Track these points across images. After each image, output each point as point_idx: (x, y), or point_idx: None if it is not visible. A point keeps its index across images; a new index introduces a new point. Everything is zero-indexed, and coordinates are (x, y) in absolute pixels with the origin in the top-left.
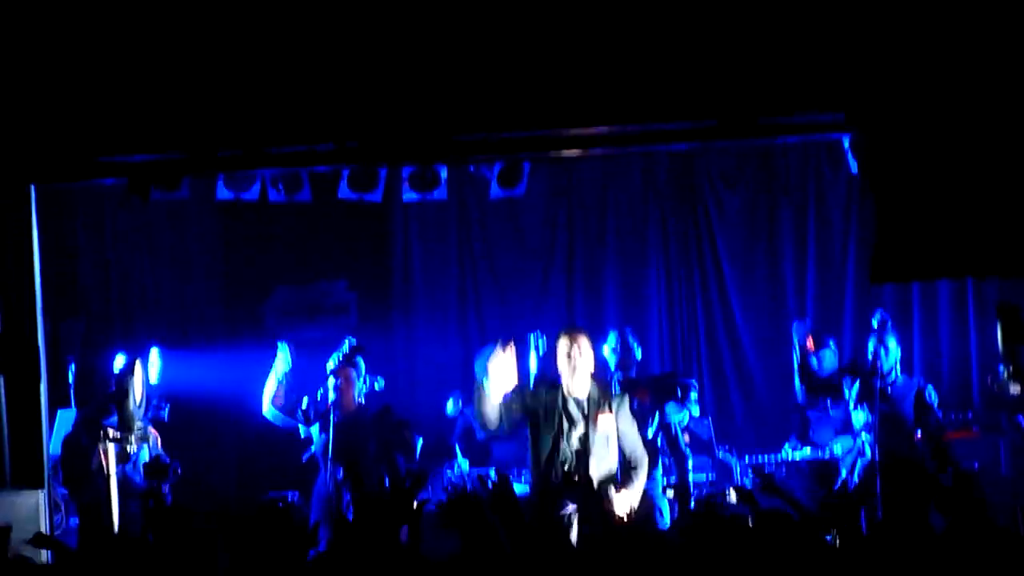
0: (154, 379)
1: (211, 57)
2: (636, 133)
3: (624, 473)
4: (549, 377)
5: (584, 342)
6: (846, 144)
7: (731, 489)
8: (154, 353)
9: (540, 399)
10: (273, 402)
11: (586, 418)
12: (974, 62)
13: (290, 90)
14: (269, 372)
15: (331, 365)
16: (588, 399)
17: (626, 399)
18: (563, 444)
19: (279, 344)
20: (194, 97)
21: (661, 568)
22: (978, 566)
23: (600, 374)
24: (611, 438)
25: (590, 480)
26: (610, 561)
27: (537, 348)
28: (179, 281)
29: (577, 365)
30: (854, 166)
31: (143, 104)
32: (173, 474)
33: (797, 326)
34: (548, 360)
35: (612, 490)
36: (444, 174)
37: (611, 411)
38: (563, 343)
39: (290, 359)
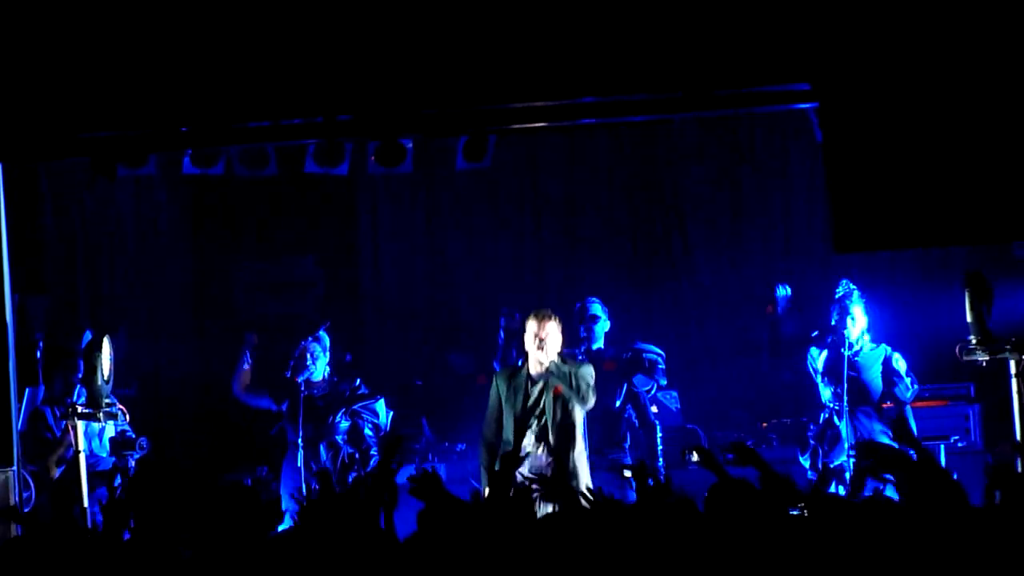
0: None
1: (175, 32)
2: (600, 105)
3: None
4: (513, 357)
5: (552, 325)
6: (812, 114)
7: (692, 450)
8: (120, 329)
9: (505, 379)
10: (241, 385)
11: (546, 391)
12: (939, 30)
13: (256, 65)
14: (238, 359)
15: (299, 340)
16: (548, 372)
17: (587, 367)
18: (529, 421)
19: (246, 334)
20: (159, 73)
21: (620, 543)
22: (941, 539)
23: (567, 347)
24: (569, 410)
25: (558, 459)
26: (571, 535)
27: (506, 325)
28: (146, 257)
29: (545, 347)
30: (820, 135)
31: (108, 81)
32: (139, 448)
33: (780, 288)
34: (514, 339)
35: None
36: (410, 147)
37: (571, 379)
38: (531, 324)
39: (254, 347)
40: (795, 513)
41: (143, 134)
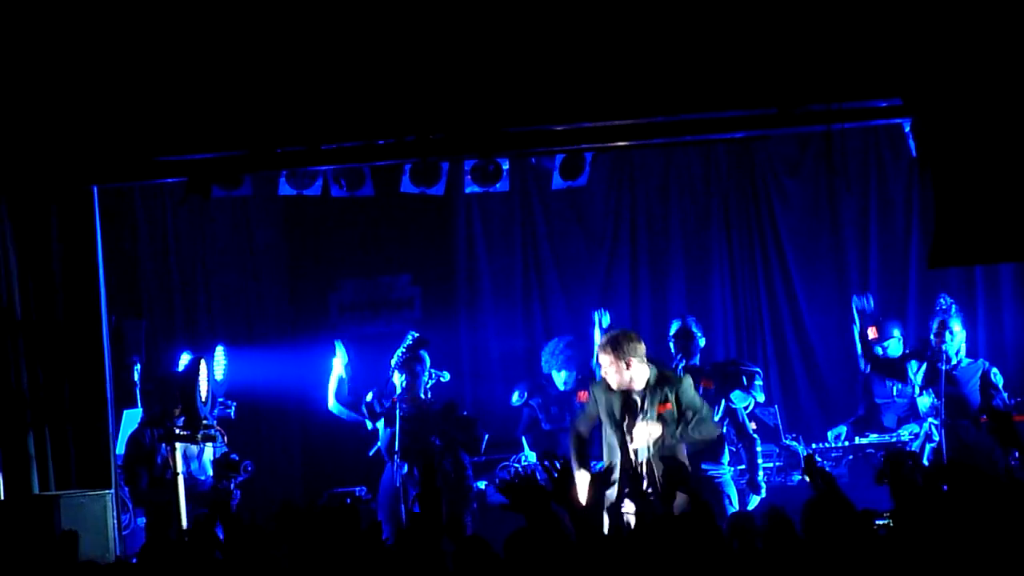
0: (220, 377)
1: (271, 55)
2: (695, 122)
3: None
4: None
5: (602, 357)
6: (906, 128)
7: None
8: (219, 351)
9: (603, 391)
10: (337, 398)
11: (648, 409)
12: None
13: (349, 86)
14: (330, 369)
15: (395, 359)
16: (646, 389)
17: (687, 379)
18: (628, 436)
19: (336, 342)
20: (254, 95)
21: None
22: None
23: (664, 364)
24: (671, 421)
25: (653, 476)
26: (661, 552)
27: (600, 324)
28: (242, 278)
29: (624, 380)
30: (914, 150)
31: (202, 103)
32: (243, 471)
33: (856, 300)
34: None
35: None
36: (506, 166)
37: (674, 398)
38: (605, 359)
39: (347, 355)
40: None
41: (239, 155)
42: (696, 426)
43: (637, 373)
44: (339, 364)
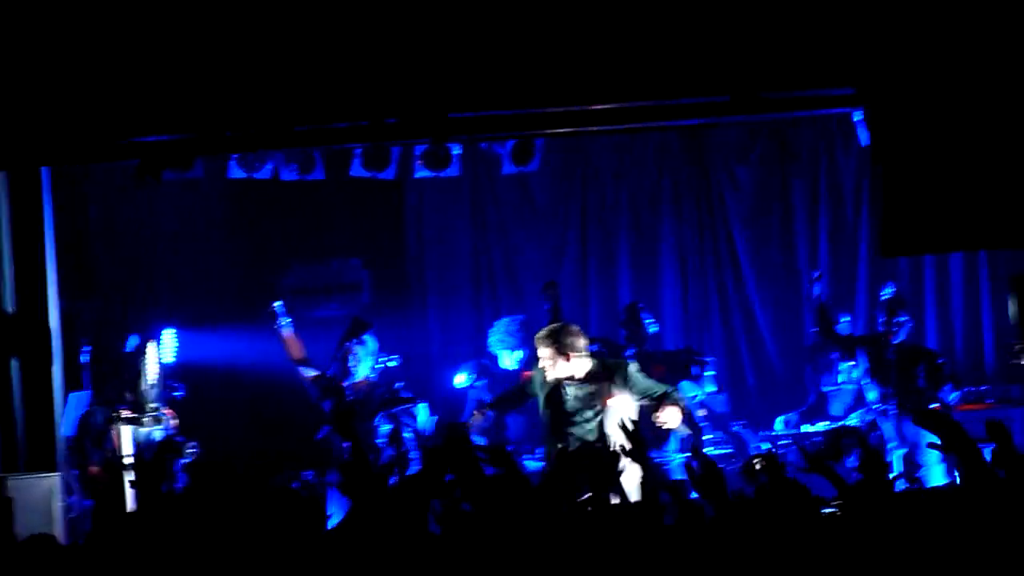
0: (168, 359)
1: (222, 38)
2: (647, 109)
3: (667, 400)
4: None
5: (540, 351)
6: (857, 118)
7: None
8: (168, 334)
9: (540, 379)
10: (297, 358)
11: (591, 397)
12: (984, 35)
13: (301, 70)
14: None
15: (341, 343)
16: (588, 379)
17: (628, 365)
18: (570, 424)
19: (273, 304)
20: (205, 78)
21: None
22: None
23: (614, 351)
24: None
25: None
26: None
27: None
28: (192, 261)
29: (564, 373)
30: (865, 139)
31: (155, 85)
32: (187, 453)
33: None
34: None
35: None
36: (457, 151)
37: (622, 385)
38: (544, 352)
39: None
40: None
41: (190, 138)
42: (650, 395)
43: (577, 366)
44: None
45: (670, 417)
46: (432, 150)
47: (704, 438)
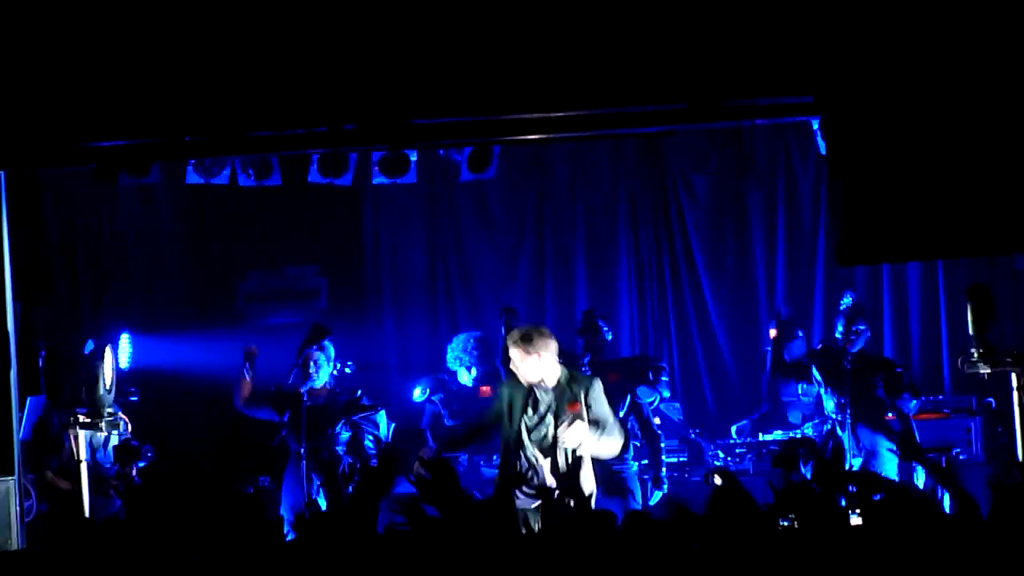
0: (124, 364)
1: (180, 42)
2: (605, 116)
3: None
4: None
5: (512, 352)
6: (815, 126)
7: (716, 473)
8: (124, 339)
9: (509, 388)
10: (241, 398)
11: (556, 408)
12: (942, 44)
13: (260, 75)
14: (241, 371)
15: (300, 350)
16: (557, 388)
17: (596, 382)
18: (528, 436)
19: (243, 346)
20: (163, 82)
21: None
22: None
23: (570, 358)
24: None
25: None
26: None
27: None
28: (149, 266)
29: (536, 375)
30: (823, 147)
31: (112, 90)
32: (144, 457)
33: (775, 322)
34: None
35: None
36: (414, 158)
37: (584, 399)
38: (516, 354)
39: (254, 358)
40: (785, 523)
41: (147, 143)
42: (604, 437)
43: (548, 369)
44: (251, 366)
45: (571, 436)
46: (389, 157)
47: (660, 445)
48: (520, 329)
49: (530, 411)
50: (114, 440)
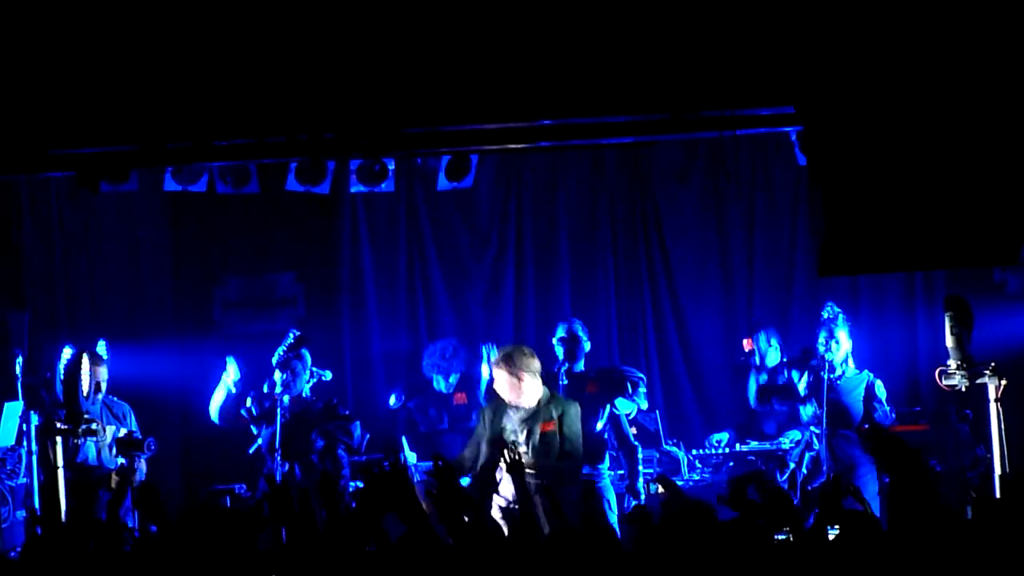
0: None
1: (159, 50)
2: (585, 126)
3: (558, 456)
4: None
5: (496, 372)
6: (794, 137)
7: (658, 481)
8: (101, 346)
9: (491, 410)
10: (221, 410)
11: (530, 425)
12: (923, 56)
13: (238, 83)
14: (218, 383)
15: (276, 357)
16: (538, 407)
17: (574, 407)
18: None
19: (228, 358)
20: (143, 90)
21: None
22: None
23: (548, 370)
24: (552, 442)
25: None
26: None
27: (488, 359)
28: (126, 273)
29: (518, 394)
30: (802, 159)
31: (91, 97)
32: (147, 449)
33: (763, 337)
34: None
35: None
36: (392, 166)
37: (558, 421)
38: (499, 374)
39: (239, 373)
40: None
41: (126, 150)
42: (562, 459)
43: (530, 388)
44: (230, 379)
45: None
46: (367, 165)
47: (638, 456)
48: (504, 349)
49: (508, 427)
50: (91, 448)
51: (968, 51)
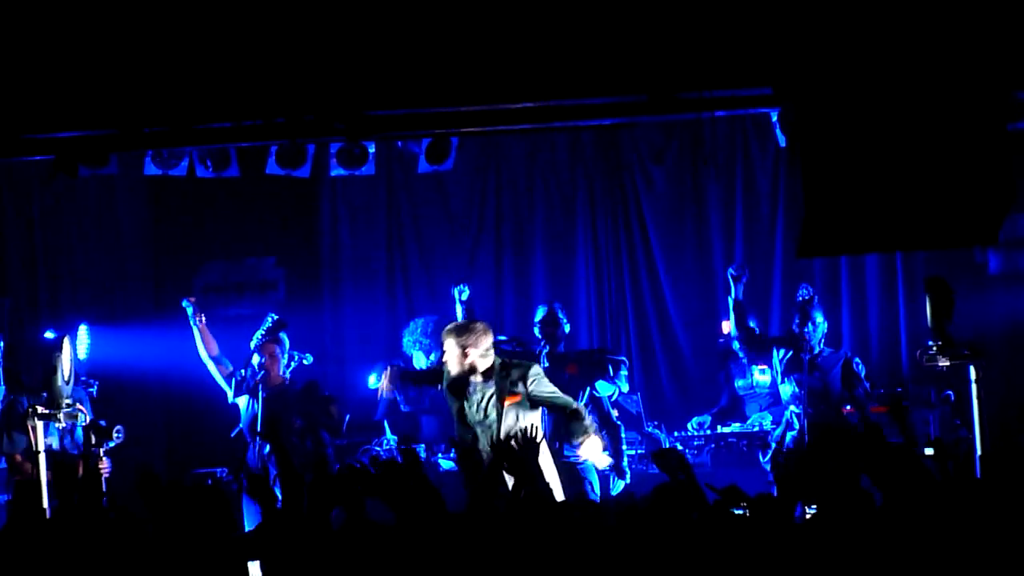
0: (83, 356)
1: (137, 33)
2: (564, 108)
3: (575, 425)
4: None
5: (447, 342)
6: (774, 118)
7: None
8: (83, 330)
9: (447, 380)
10: (208, 350)
11: (493, 397)
12: (903, 36)
13: (218, 66)
14: (193, 322)
15: (255, 341)
16: (494, 379)
17: (533, 366)
18: (478, 429)
19: (183, 302)
20: (121, 73)
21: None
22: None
23: (523, 349)
24: (522, 414)
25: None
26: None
27: (460, 299)
28: (107, 258)
29: (463, 368)
30: (782, 140)
31: (69, 81)
32: (115, 436)
33: (732, 269)
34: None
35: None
36: (372, 149)
37: (524, 387)
38: (448, 343)
39: (193, 314)
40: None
41: (105, 134)
42: (570, 419)
43: (475, 364)
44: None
45: (591, 452)
46: (347, 148)
47: (621, 436)
48: (457, 323)
49: (468, 402)
50: (82, 423)
51: (947, 32)
